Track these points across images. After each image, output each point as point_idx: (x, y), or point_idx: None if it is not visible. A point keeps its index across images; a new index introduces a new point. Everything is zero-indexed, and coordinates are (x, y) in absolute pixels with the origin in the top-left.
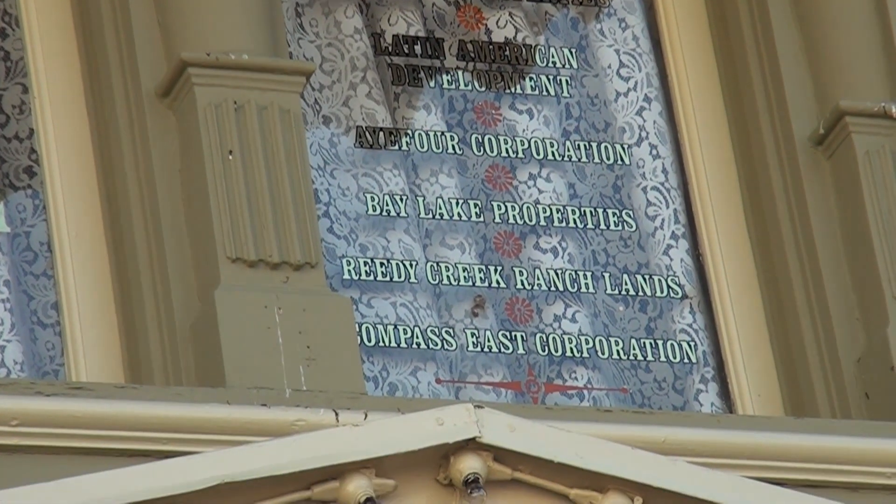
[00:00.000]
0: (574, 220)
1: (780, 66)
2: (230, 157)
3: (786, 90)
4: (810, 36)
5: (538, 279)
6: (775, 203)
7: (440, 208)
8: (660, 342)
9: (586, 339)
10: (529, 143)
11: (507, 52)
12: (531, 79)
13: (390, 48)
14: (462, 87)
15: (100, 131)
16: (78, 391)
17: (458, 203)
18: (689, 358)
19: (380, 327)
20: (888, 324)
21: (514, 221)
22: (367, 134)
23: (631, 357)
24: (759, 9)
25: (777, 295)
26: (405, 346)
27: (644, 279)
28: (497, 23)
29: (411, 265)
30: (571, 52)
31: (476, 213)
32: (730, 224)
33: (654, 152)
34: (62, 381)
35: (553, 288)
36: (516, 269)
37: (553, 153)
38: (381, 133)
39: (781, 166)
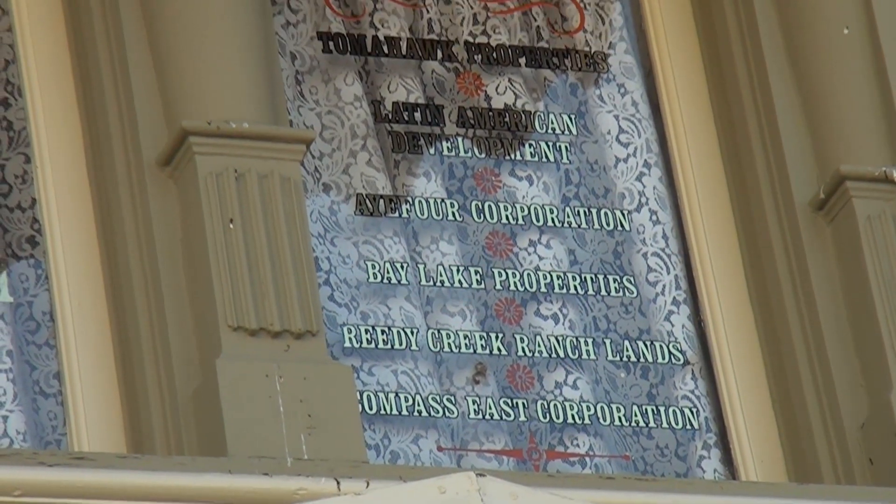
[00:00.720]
0: (575, 287)
1: (780, 130)
2: (231, 226)
3: (786, 155)
4: (810, 100)
5: (539, 346)
6: (777, 268)
7: (441, 275)
8: (662, 409)
9: (588, 406)
10: (529, 209)
11: (507, 119)
12: (531, 145)
13: (390, 115)
14: (462, 153)
15: (101, 200)
16: (80, 461)
17: (458, 270)
18: (691, 424)
19: (381, 395)
20: (892, 388)
21: (514, 288)
22: (367, 201)
23: (633, 424)
24: (759, 74)
25: (779, 360)
26: (406, 413)
27: (645, 345)
28: (497, 89)
29: (412, 332)
30: (571, 118)
31: (477, 279)
32: (731, 290)
33: (655, 218)
34: (64, 451)
35: (554, 354)
36: (517, 336)
37: (553, 219)
38: (382, 200)
39: (782, 231)
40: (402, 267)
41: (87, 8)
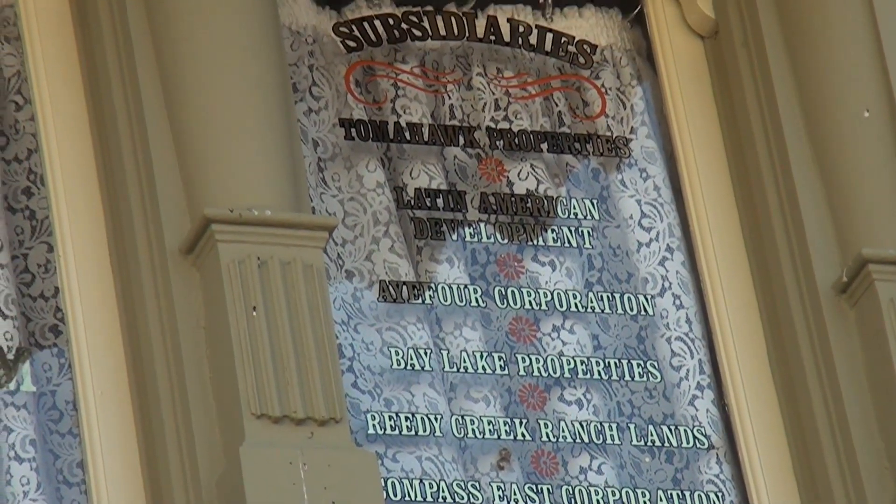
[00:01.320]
0: (599, 372)
1: (802, 213)
2: (254, 313)
3: (808, 238)
4: (832, 183)
5: (563, 431)
6: (800, 351)
7: (464, 361)
8: (687, 493)
9: (613, 492)
10: (553, 294)
11: (529, 204)
12: (553, 230)
13: (413, 201)
14: (484, 239)
15: (124, 289)
16: None
17: (482, 356)
18: None
19: (405, 482)
20: None
21: (538, 374)
22: (390, 288)
23: None
24: (780, 157)
25: (804, 444)
26: (431, 500)
27: (670, 430)
28: (518, 175)
29: (436, 419)
30: (593, 203)
31: (500, 365)
32: (755, 373)
33: (678, 302)
34: None
35: (578, 440)
36: (541, 422)
37: (576, 305)
38: (405, 287)
39: (805, 315)
40: (425, 353)
41: (110, 96)
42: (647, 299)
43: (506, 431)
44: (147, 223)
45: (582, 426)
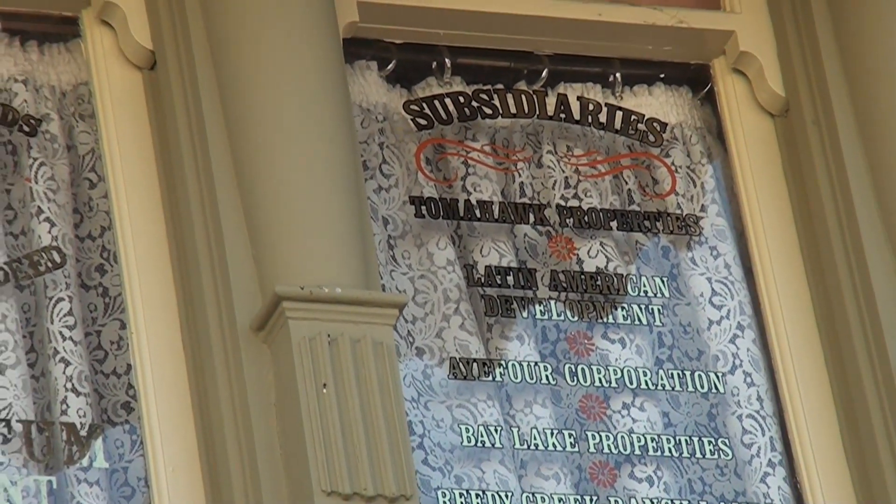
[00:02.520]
0: (669, 449)
1: (875, 292)
2: (324, 391)
3: (880, 314)
4: None
5: None
6: (873, 428)
7: (535, 438)
8: None
9: None
10: (623, 372)
11: (599, 282)
12: (623, 308)
13: (483, 279)
14: (555, 316)
15: (196, 366)
16: None
17: (552, 433)
18: None
19: None
20: None
21: (608, 451)
22: (460, 365)
23: None
24: (852, 234)
25: None
26: None
27: None
28: (588, 252)
29: (507, 496)
30: (663, 281)
31: (571, 442)
32: (827, 450)
33: (749, 380)
34: None
35: None
36: (612, 499)
37: (646, 382)
38: (475, 364)
39: (878, 390)
40: (496, 430)
41: (182, 174)
42: (717, 377)
43: None
44: (218, 300)
45: (653, 503)
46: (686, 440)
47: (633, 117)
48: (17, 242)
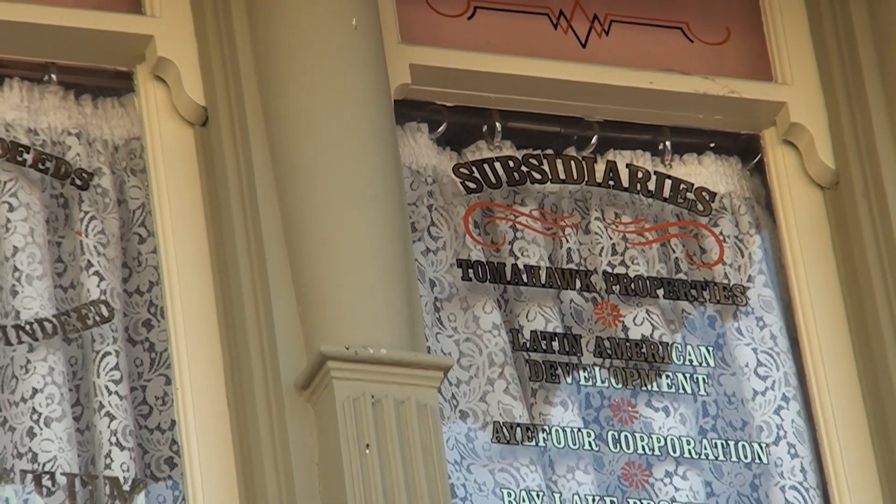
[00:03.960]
0: None
1: None
2: (367, 451)
3: None
4: None
5: None
6: None
7: None
8: None
9: None
10: (666, 440)
11: (644, 350)
12: (668, 376)
13: (528, 344)
14: (599, 383)
15: (239, 423)
16: None
17: (594, 500)
18: None
19: None
20: None
21: None
22: (504, 429)
23: None
24: None
25: None
26: None
27: None
28: (634, 320)
29: None
30: (709, 350)
31: None
32: None
33: (793, 451)
34: None
35: None
36: None
37: (690, 451)
38: (519, 429)
39: None
40: (538, 496)
41: (231, 231)
42: (761, 447)
43: None
44: (264, 358)
45: None
46: None
47: (682, 186)
48: (66, 295)
